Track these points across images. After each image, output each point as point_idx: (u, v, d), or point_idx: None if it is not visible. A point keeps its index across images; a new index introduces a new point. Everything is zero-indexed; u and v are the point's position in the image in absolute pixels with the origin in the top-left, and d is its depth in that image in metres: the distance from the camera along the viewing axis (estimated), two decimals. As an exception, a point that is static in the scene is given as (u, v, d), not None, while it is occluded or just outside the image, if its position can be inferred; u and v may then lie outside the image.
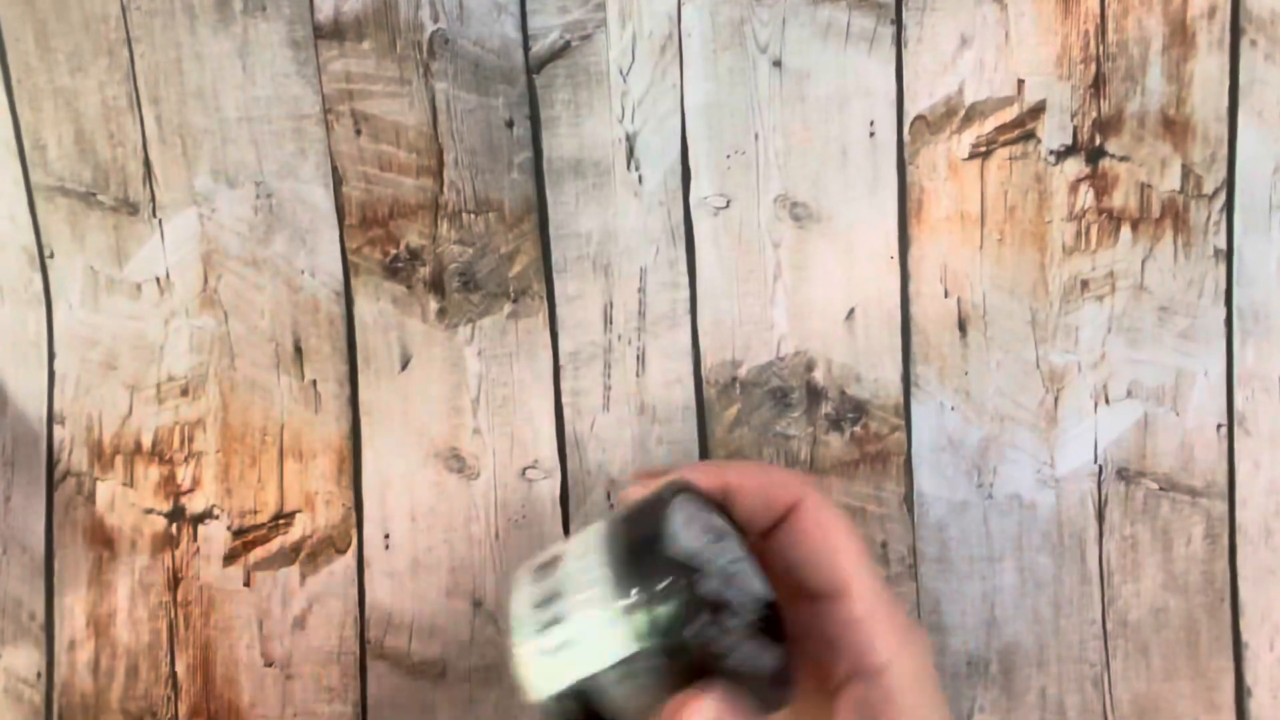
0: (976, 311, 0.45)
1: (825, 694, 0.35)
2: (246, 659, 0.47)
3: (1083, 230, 0.44)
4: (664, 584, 0.28)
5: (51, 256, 0.46)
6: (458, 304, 0.46)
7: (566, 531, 0.46)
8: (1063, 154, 0.44)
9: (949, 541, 0.45)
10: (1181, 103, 0.44)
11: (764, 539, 0.36)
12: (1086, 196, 0.44)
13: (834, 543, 0.35)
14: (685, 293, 0.45)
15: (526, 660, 0.29)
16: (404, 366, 0.46)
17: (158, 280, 0.46)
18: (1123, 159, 0.44)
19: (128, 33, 0.45)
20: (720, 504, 0.34)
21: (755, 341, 0.45)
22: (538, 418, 0.46)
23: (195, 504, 0.47)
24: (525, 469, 0.46)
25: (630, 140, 0.45)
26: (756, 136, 0.44)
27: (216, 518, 0.47)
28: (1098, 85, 0.44)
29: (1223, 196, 0.44)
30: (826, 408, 0.45)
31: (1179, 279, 0.44)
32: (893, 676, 0.34)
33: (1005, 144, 0.44)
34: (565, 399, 0.46)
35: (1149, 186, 0.44)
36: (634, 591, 0.29)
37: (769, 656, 0.32)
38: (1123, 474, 0.45)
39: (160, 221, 0.46)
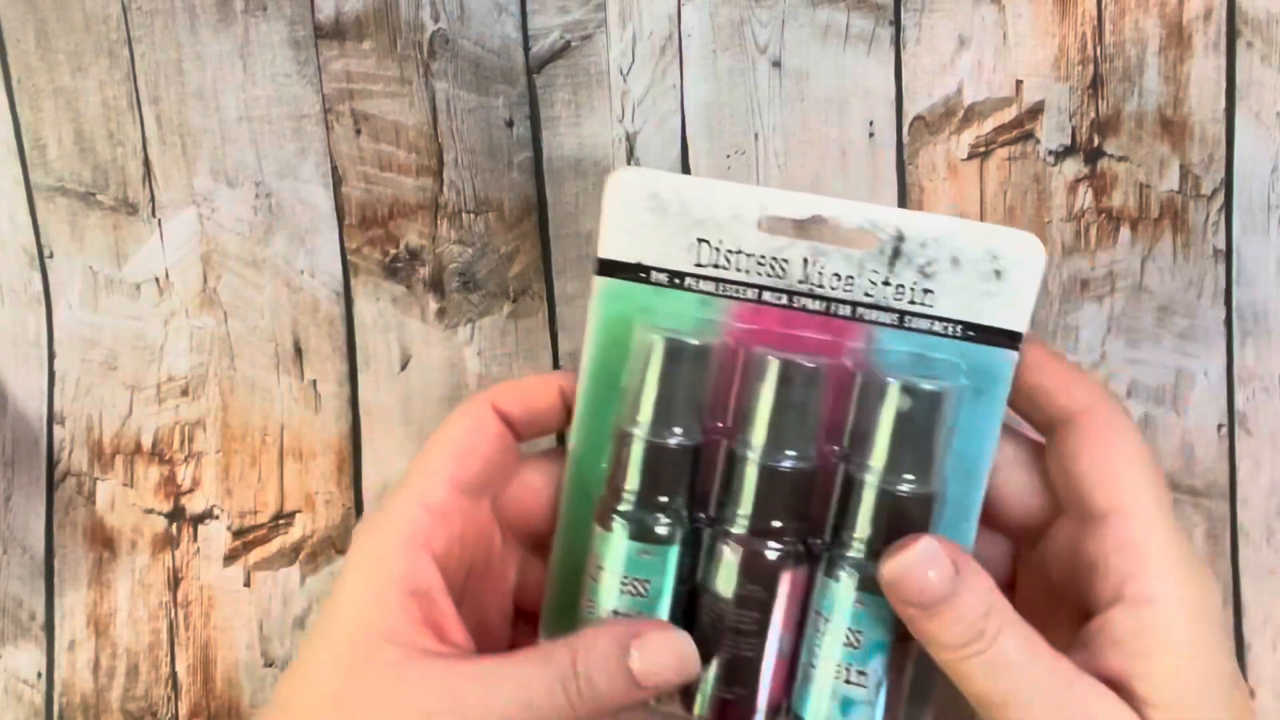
0: (976, 311, 0.45)
1: (1076, 621, 0.33)
2: (246, 659, 0.47)
3: (1082, 230, 0.44)
4: None
5: (51, 256, 0.46)
6: (457, 304, 0.46)
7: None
8: (1061, 154, 0.44)
9: (950, 542, 0.45)
10: (1179, 104, 0.44)
11: (1045, 440, 0.35)
12: (1085, 197, 0.44)
13: (1116, 459, 0.33)
14: (685, 293, 0.45)
15: None
16: (404, 366, 0.46)
17: (157, 280, 0.46)
18: (1121, 159, 0.44)
19: (128, 33, 0.45)
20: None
21: (755, 341, 0.45)
22: (538, 418, 0.46)
23: (195, 504, 0.47)
24: (525, 469, 0.46)
25: (630, 140, 0.45)
26: (756, 136, 0.44)
27: (216, 518, 0.47)
28: (1095, 86, 0.44)
29: (1221, 197, 0.44)
30: (827, 408, 0.45)
31: (1178, 279, 0.44)
32: (1162, 608, 0.32)
33: (1004, 144, 0.44)
34: (565, 399, 0.46)
35: (1147, 187, 0.44)
36: None
37: None
38: (1123, 474, 0.45)
39: (160, 221, 0.46)
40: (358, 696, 0.33)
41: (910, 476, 0.34)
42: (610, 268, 0.37)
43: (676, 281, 0.37)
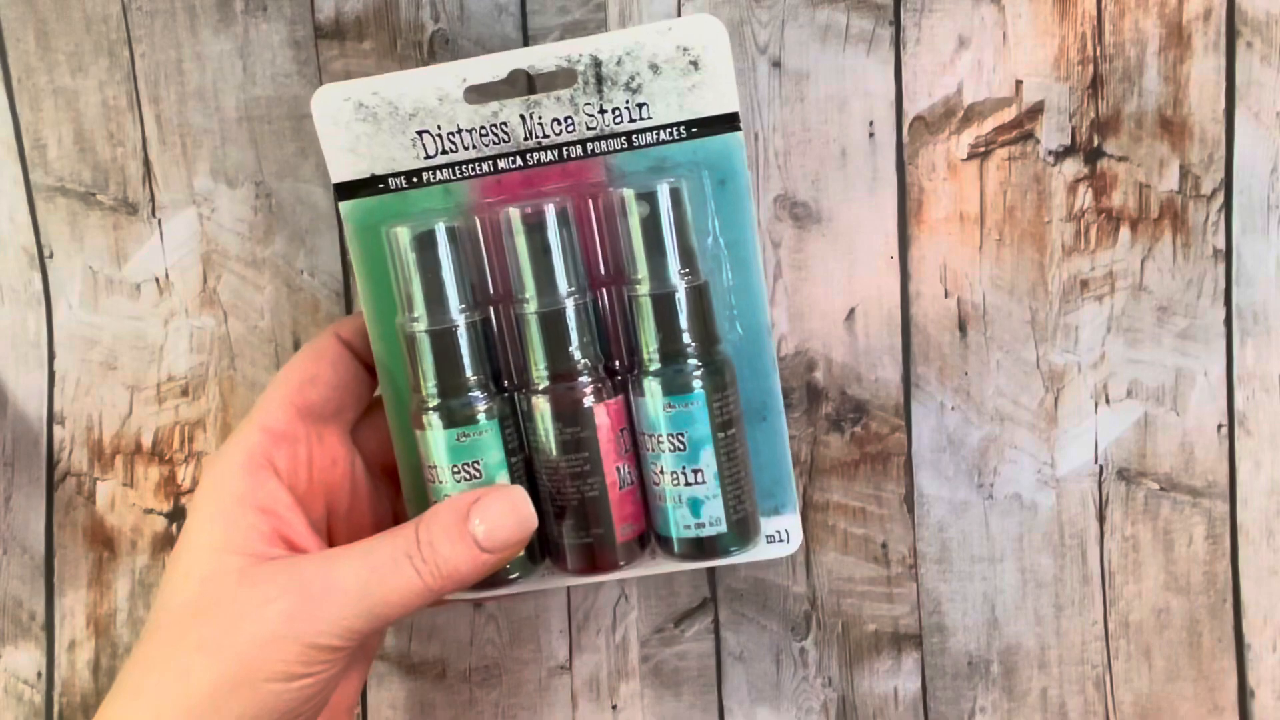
0: (976, 311, 0.45)
1: None
2: (246, 659, 0.47)
3: (1082, 230, 0.44)
4: None
5: (51, 256, 0.46)
6: (458, 304, 0.46)
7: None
8: (1061, 154, 0.44)
9: (949, 542, 0.45)
10: (1179, 104, 0.44)
11: None
12: (1085, 197, 0.44)
13: None
14: (685, 293, 0.45)
15: None
16: (404, 367, 0.46)
17: (157, 280, 0.46)
18: (1121, 159, 0.44)
19: (128, 33, 0.45)
20: None
21: (755, 341, 0.45)
22: (538, 418, 0.46)
23: (195, 504, 0.47)
24: (525, 469, 0.46)
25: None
26: (756, 136, 0.44)
27: (216, 518, 0.47)
28: (1095, 86, 0.44)
29: (1221, 197, 0.44)
30: (827, 408, 0.45)
31: (1178, 279, 0.44)
32: None
33: (1004, 144, 0.44)
34: (565, 399, 0.46)
35: (1147, 187, 0.44)
36: None
37: None
38: (1123, 474, 0.45)
39: (160, 221, 0.46)
40: (209, 604, 0.34)
41: (674, 274, 0.36)
42: (348, 190, 0.38)
43: (415, 180, 0.37)
